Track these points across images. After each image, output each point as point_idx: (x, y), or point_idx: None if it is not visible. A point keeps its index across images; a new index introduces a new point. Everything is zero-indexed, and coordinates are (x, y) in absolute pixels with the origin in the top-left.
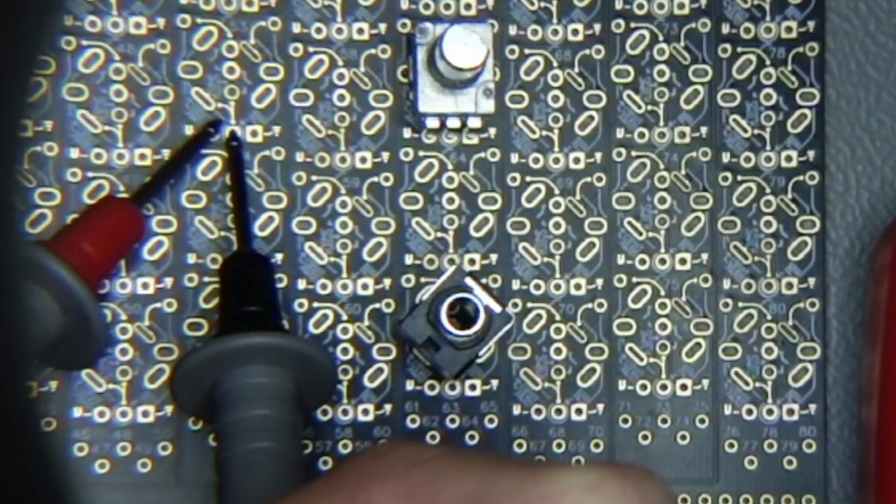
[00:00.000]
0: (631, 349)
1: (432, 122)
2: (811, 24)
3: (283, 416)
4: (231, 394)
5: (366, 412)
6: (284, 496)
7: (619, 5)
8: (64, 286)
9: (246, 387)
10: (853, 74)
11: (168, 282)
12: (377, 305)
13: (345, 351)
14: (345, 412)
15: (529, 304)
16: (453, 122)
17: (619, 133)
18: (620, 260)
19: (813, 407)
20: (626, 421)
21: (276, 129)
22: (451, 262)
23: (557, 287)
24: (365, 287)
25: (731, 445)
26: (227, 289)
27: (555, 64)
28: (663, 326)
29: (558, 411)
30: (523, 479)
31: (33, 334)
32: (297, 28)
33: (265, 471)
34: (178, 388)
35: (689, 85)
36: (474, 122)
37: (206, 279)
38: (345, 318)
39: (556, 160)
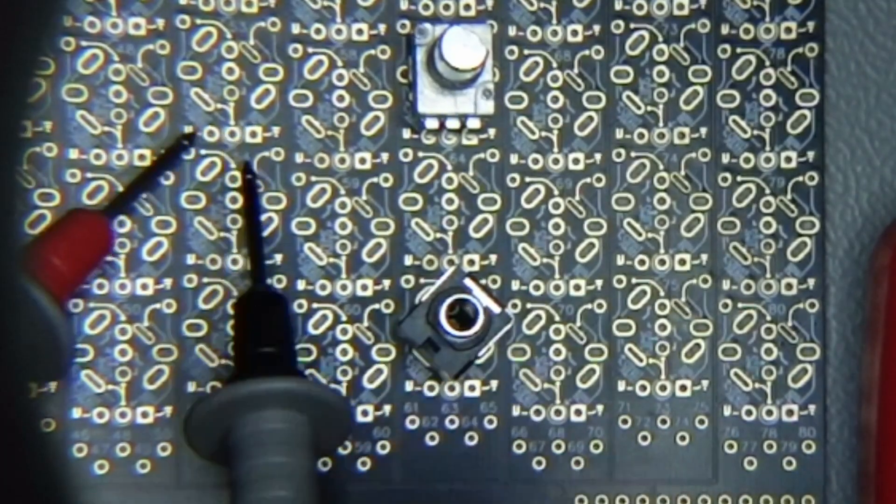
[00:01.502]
0: (630, 350)
1: (432, 123)
2: (811, 25)
3: (299, 461)
4: (247, 440)
5: (365, 413)
6: None
7: (618, 6)
8: (32, 301)
9: (262, 433)
10: (853, 75)
11: (167, 283)
12: (377, 306)
13: (344, 352)
14: None
15: (529, 305)
16: (453, 123)
17: (619, 134)
18: (620, 261)
19: (812, 407)
20: (625, 422)
21: (276, 130)
22: (451, 262)
23: (557, 288)
24: (364, 288)
25: (731, 446)
26: (241, 328)
27: (554, 65)
28: (663, 327)
29: (558, 412)
30: None
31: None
32: (296, 29)
33: None
34: (192, 433)
35: (688, 86)
36: (474, 123)
37: (206, 280)
38: (344, 318)
39: (556, 161)
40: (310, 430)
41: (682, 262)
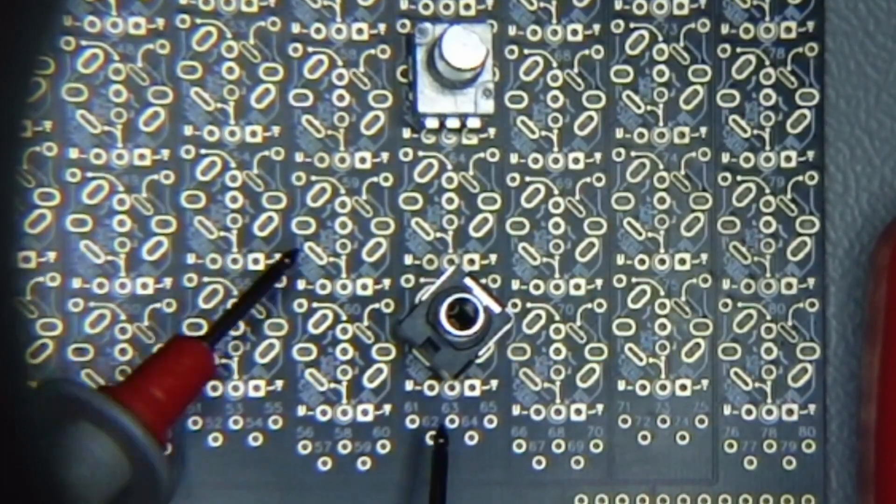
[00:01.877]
0: (630, 349)
1: (432, 123)
2: (811, 25)
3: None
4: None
5: (365, 412)
6: None
7: (618, 5)
8: (130, 437)
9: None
10: (852, 75)
11: (167, 282)
12: (376, 306)
13: (344, 351)
14: (344, 412)
15: (529, 305)
16: (453, 123)
17: (619, 133)
18: (620, 260)
19: (812, 407)
20: (625, 421)
21: (276, 130)
22: (451, 262)
23: (557, 287)
24: (364, 287)
25: (731, 445)
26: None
27: (554, 64)
28: (663, 327)
29: (558, 411)
30: None
31: (101, 485)
32: (296, 28)
33: None
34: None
35: (688, 85)
36: (474, 123)
37: (206, 279)
38: (344, 318)
39: (556, 160)
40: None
41: (682, 261)
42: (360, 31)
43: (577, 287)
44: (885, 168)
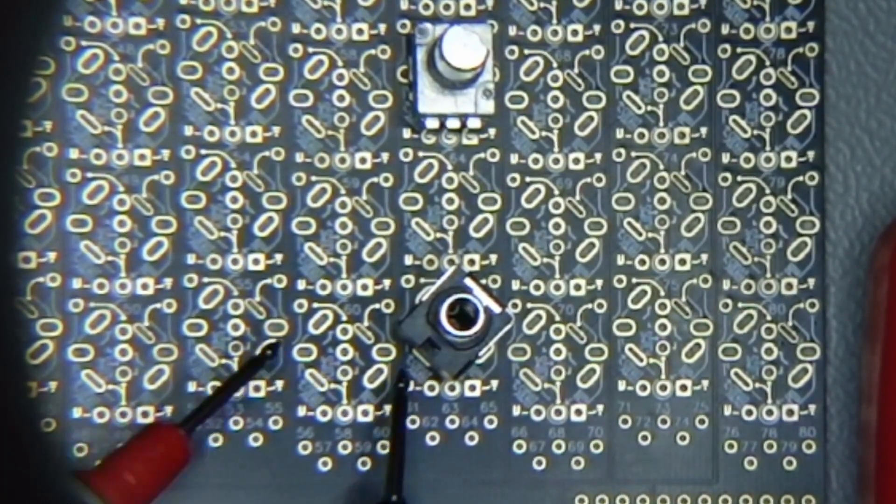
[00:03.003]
0: (631, 350)
1: (432, 123)
2: (811, 25)
3: None
4: None
5: (365, 413)
6: None
7: (618, 6)
8: None
9: None
10: (853, 75)
11: (168, 282)
12: (377, 306)
13: (344, 351)
14: (344, 413)
15: (529, 305)
16: (453, 123)
17: (619, 133)
18: (620, 260)
19: (812, 407)
20: (625, 421)
21: (276, 130)
22: (451, 262)
23: (557, 288)
24: (364, 287)
25: (731, 446)
26: None
27: (554, 64)
28: (663, 327)
29: (558, 412)
30: None
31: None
32: (296, 28)
33: None
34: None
35: (688, 85)
36: (474, 123)
37: (206, 280)
38: (344, 318)
39: (556, 161)
40: None
41: (683, 261)
42: (360, 32)
43: (578, 287)
44: (885, 168)
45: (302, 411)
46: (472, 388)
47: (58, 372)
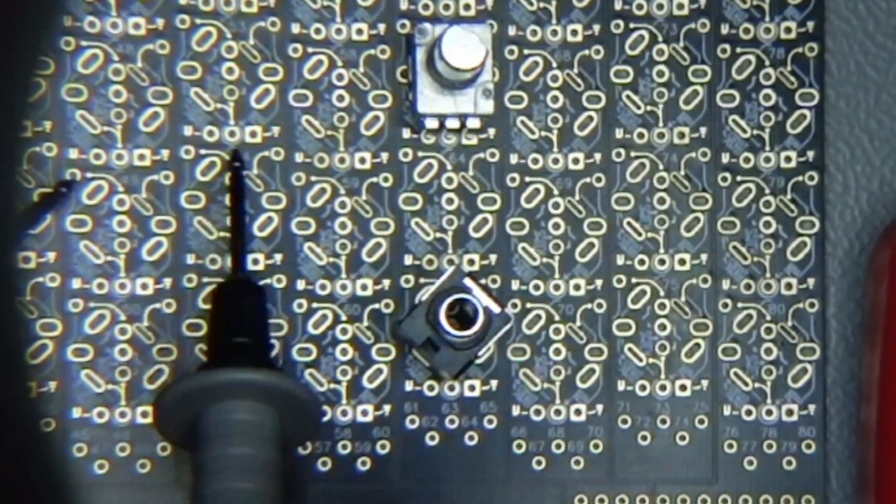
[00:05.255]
0: (630, 350)
1: (431, 123)
2: (810, 25)
3: (265, 455)
4: (212, 429)
5: (365, 413)
6: None
7: (618, 6)
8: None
9: (228, 423)
10: (852, 75)
11: (167, 282)
12: (376, 306)
13: (344, 351)
14: (344, 413)
15: (528, 305)
16: (452, 123)
17: (619, 133)
18: (620, 260)
19: (812, 407)
20: (625, 421)
21: (276, 130)
22: (451, 262)
23: (557, 287)
24: (364, 287)
25: (731, 446)
26: (216, 317)
27: (554, 64)
28: (662, 327)
29: (557, 412)
30: None
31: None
32: (296, 29)
33: None
34: (161, 418)
35: (688, 85)
36: (473, 123)
37: (206, 280)
38: (344, 318)
39: (556, 161)
40: (277, 424)
41: (682, 261)
42: (359, 32)
43: (577, 287)
44: (884, 168)
45: None
46: (472, 388)
47: (57, 372)
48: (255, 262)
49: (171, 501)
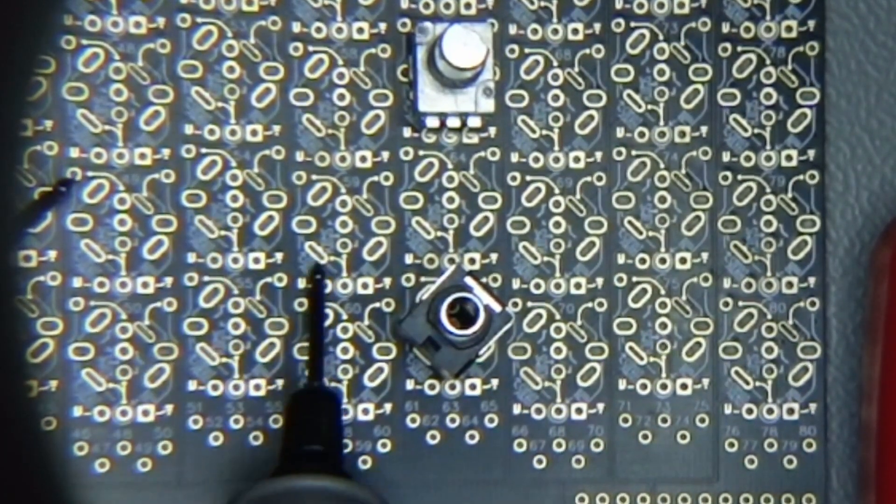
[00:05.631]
0: (631, 348)
1: (432, 122)
2: (811, 24)
3: None
4: None
5: (366, 411)
6: None
7: (619, 5)
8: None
9: None
10: (853, 74)
11: (168, 281)
12: (377, 305)
13: (345, 350)
14: (345, 411)
15: (529, 304)
16: (453, 122)
17: (620, 132)
18: (620, 259)
19: (813, 406)
20: (626, 420)
21: (276, 129)
22: (451, 261)
23: (557, 286)
24: (365, 286)
25: (732, 445)
26: (291, 424)
27: (555, 63)
28: (663, 326)
29: (558, 411)
30: None
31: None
32: (297, 27)
33: None
34: None
35: (689, 84)
36: (474, 122)
37: (206, 278)
38: (345, 317)
39: (557, 159)
40: None
41: (683, 260)
42: (360, 31)
43: (578, 286)
44: (885, 167)
45: None
46: (473, 386)
47: (58, 370)
48: (256, 260)
49: (172, 500)
